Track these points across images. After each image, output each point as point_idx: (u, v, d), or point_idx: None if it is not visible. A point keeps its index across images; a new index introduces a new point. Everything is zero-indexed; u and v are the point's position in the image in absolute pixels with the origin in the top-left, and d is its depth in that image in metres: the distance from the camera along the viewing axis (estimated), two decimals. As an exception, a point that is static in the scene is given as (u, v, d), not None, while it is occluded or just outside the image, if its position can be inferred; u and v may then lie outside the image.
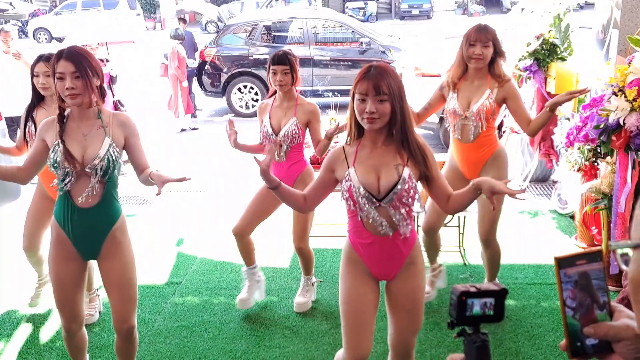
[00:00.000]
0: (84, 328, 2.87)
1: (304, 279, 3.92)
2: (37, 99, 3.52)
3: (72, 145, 2.58)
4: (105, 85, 6.96)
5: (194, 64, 10.03)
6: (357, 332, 2.42)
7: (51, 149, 2.58)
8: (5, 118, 5.34)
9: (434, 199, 2.44)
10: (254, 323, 3.77)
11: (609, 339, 1.01)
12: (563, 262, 1.02)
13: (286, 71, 3.43)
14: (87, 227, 2.65)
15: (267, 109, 3.59)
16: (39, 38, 24.88)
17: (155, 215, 5.72)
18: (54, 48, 3.46)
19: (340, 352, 2.56)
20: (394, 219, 2.33)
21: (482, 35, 3.28)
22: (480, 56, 3.30)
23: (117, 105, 7.15)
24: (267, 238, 4.82)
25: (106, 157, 2.57)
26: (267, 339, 3.59)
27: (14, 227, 5.09)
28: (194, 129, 9.51)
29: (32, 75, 3.47)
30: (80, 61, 2.52)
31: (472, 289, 1.12)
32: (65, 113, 2.64)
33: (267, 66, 3.52)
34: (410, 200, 2.32)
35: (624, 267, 0.88)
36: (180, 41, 9.15)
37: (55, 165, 2.56)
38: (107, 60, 7.22)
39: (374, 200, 2.31)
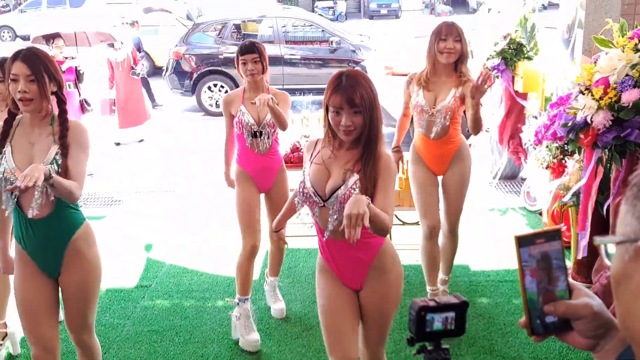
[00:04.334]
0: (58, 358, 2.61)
1: (273, 281, 3.85)
2: None
3: (18, 154, 2.42)
4: (70, 83, 6.75)
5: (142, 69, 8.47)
6: (338, 342, 2.37)
7: None
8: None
9: None
10: (226, 326, 3.71)
11: (568, 316, 1.02)
12: (523, 241, 1.03)
13: (256, 59, 3.36)
14: (42, 240, 2.47)
15: (237, 100, 3.47)
16: (3, 36, 24.23)
17: (124, 216, 5.62)
18: (18, 46, 3.34)
19: None
20: (334, 222, 2.25)
21: (453, 29, 3.35)
22: (452, 50, 3.35)
23: (83, 105, 6.95)
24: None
25: (51, 167, 2.35)
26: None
27: None
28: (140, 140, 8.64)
29: None
30: (36, 64, 2.37)
31: (432, 303, 1.09)
32: (17, 118, 2.49)
33: (235, 58, 3.44)
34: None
35: (607, 262, 0.88)
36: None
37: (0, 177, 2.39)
38: (73, 58, 7.02)
39: (319, 199, 2.28)
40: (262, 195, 3.61)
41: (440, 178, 3.64)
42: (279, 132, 3.53)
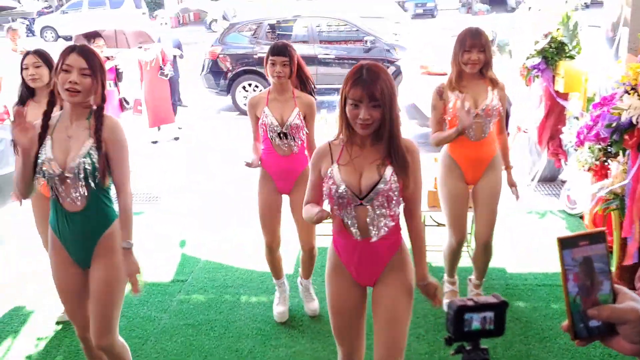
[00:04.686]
0: None
1: (305, 283, 3.83)
2: (27, 95, 3.47)
3: (56, 147, 2.47)
4: (111, 82, 6.91)
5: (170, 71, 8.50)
6: (346, 338, 2.43)
7: (39, 150, 2.47)
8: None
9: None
10: (260, 322, 3.74)
11: (613, 321, 1.00)
12: (566, 243, 1.00)
13: (285, 63, 3.36)
14: (76, 233, 2.53)
15: (262, 102, 3.47)
16: (46, 36, 24.88)
17: (162, 213, 5.70)
18: (60, 47, 3.43)
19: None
20: (373, 220, 2.26)
21: (476, 41, 3.27)
22: (476, 61, 3.29)
23: (122, 103, 7.08)
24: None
25: (85, 160, 2.42)
26: (274, 339, 3.56)
27: (22, 222, 5.08)
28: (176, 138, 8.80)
29: (22, 69, 3.43)
30: (92, 60, 2.45)
31: (470, 303, 1.07)
32: (55, 110, 2.54)
33: (265, 56, 3.44)
34: (392, 201, 2.26)
35: None
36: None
37: (38, 169, 2.45)
38: (113, 57, 7.17)
39: (356, 199, 2.26)
40: (286, 197, 3.63)
41: (470, 189, 3.56)
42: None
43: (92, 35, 7.11)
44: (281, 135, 3.42)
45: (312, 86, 3.61)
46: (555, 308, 3.77)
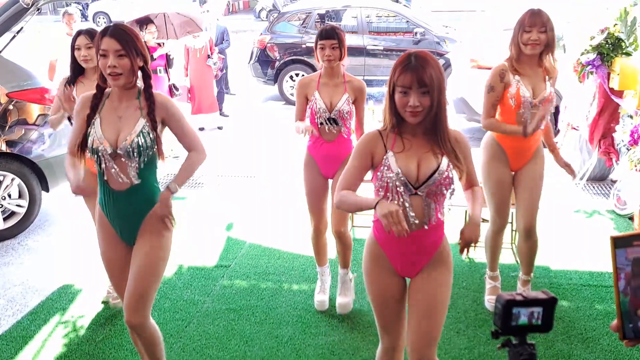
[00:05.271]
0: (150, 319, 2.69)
1: (342, 274, 3.83)
2: (76, 73, 3.53)
3: (106, 126, 2.51)
4: (161, 68, 7.04)
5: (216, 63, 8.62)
6: (392, 329, 2.45)
7: (87, 130, 2.53)
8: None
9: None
10: (300, 310, 3.79)
11: None
12: (620, 242, 1.00)
13: (334, 45, 3.36)
14: (123, 211, 2.59)
15: (312, 85, 3.47)
16: (99, 22, 25.53)
17: (206, 199, 5.81)
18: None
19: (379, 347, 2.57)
20: (426, 209, 2.25)
21: (537, 20, 3.19)
22: (537, 41, 3.20)
23: (171, 90, 7.23)
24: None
25: (138, 139, 2.48)
26: (313, 327, 3.61)
27: (73, 202, 5.27)
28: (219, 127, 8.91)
29: (73, 49, 3.49)
30: (125, 39, 2.44)
31: (519, 297, 1.07)
32: (105, 92, 2.58)
33: (314, 42, 3.44)
34: (445, 190, 2.25)
35: None
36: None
37: (89, 147, 2.52)
38: (164, 44, 7.32)
39: (411, 187, 2.23)
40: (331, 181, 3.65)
41: (512, 176, 3.51)
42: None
43: (144, 22, 7.24)
44: (329, 120, 3.44)
45: None
46: (599, 309, 3.69)
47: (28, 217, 5.03)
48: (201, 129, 8.67)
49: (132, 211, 2.60)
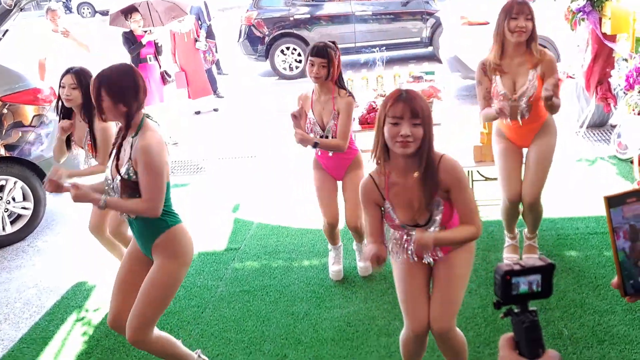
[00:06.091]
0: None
1: (357, 246, 3.91)
2: (65, 110, 3.60)
3: (116, 160, 2.63)
4: (151, 56, 7.00)
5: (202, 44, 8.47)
6: (412, 308, 2.50)
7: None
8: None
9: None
10: (313, 285, 3.83)
11: None
12: (613, 201, 1.00)
13: (323, 64, 3.35)
14: (137, 234, 2.73)
15: (308, 102, 3.54)
16: (83, 12, 25.23)
17: (208, 183, 5.83)
18: (98, 22, 3.46)
19: (403, 331, 2.63)
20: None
21: (524, 7, 3.21)
22: (524, 28, 3.22)
23: (164, 77, 7.18)
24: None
25: (128, 174, 2.56)
26: (328, 300, 3.65)
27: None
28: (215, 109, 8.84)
29: (59, 87, 3.50)
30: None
31: (517, 267, 1.08)
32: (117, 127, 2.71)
33: (306, 54, 3.45)
34: (448, 218, 2.40)
35: None
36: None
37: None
38: (151, 32, 7.23)
39: (415, 227, 2.37)
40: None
41: (524, 152, 3.55)
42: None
43: (129, 10, 7.17)
44: (325, 137, 3.49)
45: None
46: (607, 255, 3.72)
47: (35, 219, 5.07)
48: (197, 113, 8.65)
49: (142, 235, 2.70)
